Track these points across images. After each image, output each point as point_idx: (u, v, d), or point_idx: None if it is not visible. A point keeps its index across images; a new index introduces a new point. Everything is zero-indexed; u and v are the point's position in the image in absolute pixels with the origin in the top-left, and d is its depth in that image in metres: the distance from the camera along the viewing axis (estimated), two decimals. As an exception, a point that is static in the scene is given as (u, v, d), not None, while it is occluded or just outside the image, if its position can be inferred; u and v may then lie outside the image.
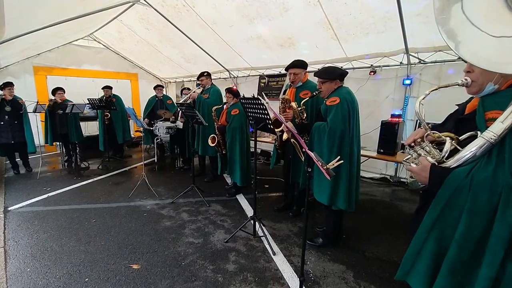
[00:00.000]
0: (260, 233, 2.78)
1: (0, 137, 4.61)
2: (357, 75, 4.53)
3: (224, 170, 4.12)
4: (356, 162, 2.44)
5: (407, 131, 4.00)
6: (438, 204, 1.03)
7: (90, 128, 6.71)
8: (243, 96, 2.53)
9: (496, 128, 0.91)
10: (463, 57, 0.84)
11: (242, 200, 3.81)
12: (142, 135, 5.62)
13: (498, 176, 0.89)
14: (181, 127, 5.03)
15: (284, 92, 3.19)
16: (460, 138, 1.08)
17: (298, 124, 2.65)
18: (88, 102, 5.27)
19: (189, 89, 4.85)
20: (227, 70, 6.59)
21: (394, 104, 4.27)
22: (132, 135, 7.09)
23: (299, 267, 2.32)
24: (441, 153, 1.08)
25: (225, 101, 3.86)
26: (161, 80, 9.22)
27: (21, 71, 6.72)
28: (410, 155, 1.19)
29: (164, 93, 6.13)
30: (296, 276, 2.23)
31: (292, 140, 2.64)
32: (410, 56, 3.93)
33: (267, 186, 4.41)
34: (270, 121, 2.40)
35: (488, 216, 0.90)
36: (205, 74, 4.38)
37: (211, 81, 4.51)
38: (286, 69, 2.96)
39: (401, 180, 4.51)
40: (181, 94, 5.34)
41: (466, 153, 0.98)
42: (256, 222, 2.81)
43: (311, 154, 1.49)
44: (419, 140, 1.18)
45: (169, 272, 2.28)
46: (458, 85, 1.07)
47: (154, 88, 5.78)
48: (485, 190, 0.90)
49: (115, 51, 7.99)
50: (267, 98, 1.84)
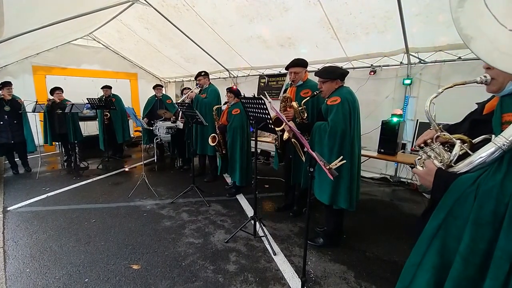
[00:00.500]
0: (261, 233, 2.77)
1: (0, 137, 4.59)
2: (357, 75, 4.53)
3: (224, 170, 4.11)
4: (357, 162, 2.44)
5: (408, 131, 4.01)
6: (441, 212, 0.96)
7: (90, 128, 6.69)
8: (244, 96, 2.53)
9: (509, 133, 0.82)
10: (477, 54, 0.77)
11: (242, 200, 3.80)
12: (142, 135, 5.61)
13: (506, 186, 0.82)
14: (181, 127, 5.02)
15: (285, 92, 3.18)
16: (474, 141, 1.00)
17: (299, 124, 2.65)
18: (88, 102, 5.25)
19: (190, 89, 4.85)
20: (227, 70, 6.58)
21: (394, 104, 4.27)
22: (132, 135, 7.08)
23: (300, 267, 2.32)
24: (450, 156, 1.00)
25: (226, 101, 3.84)
26: (161, 80, 9.20)
27: (20, 71, 6.69)
28: (420, 157, 1.13)
29: (164, 93, 6.12)
30: (297, 276, 2.23)
31: (293, 140, 2.63)
32: (410, 56, 3.93)
33: (267, 186, 4.40)
34: (271, 121, 2.40)
35: (494, 228, 0.84)
36: (203, 74, 4.37)
37: (209, 81, 4.51)
38: (287, 68, 2.96)
39: (401, 180, 4.52)
40: (182, 94, 5.33)
41: (476, 159, 0.90)
42: (257, 222, 2.80)
43: (314, 154, 1.48)
44: (430, 141, 1.11)
45: (169, 273, 2.27)
46: (477, 83, 1.00)
47: (154, 88, 5.76)
48: (491, 200, 0.83)
49: (115, 51, 7.97)
50: (270, 98, 1.84)
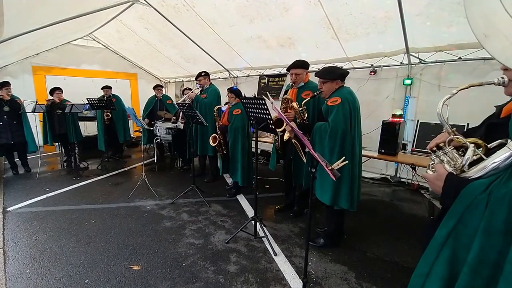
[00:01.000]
0: (261, 234, 2.77)
1: (0, 138, 4.58)
2: (358, 75, 4.53)
3: (225, 171, 4.10)
4: (358, 162, 2.43)
5: (408, 131, 4.01)
6: (451, 220, 0.91)
7: (89, 128, 6.68)
8: (245, 96, 2.52)
9: None
10: (492, 54, 0.73)
11: (243, 201, 3.80)
12: (141, 135, 5.60)
13: None
14: (182, 128, 5.01)
15: (286, 93, 3.18)
16: (489, 146, 0.96)
17: (299, 124, 2.64)
18: (87, 102, 5.25)
19: (191, 89, 4.84)
20: (227, 70, 6.57)
21: (395, 104, 4.27)
22: (132, 135, 7.07)
23: (301, 268, 2.32)
24: (462, 161, 0.96)
25: (227, 101, 3.83)
26: (161, 80, 9.19)
27: (20, 71, 6.68)
28: (433, 161, 1.08)
29: (164, 93, 6.12)
30: (298, 277, 2.22)
31: (294, 141, 2.63)
32: (411, 56, 3.93)
33: (268, 187, 4.40)
34: (272, 121, 2.39)
35: (505, 238, 0.77)
36: (203, 74, 4.37)
37: (210, 81, 4.50)
38: (288, 69, 2.95)
39: (402, 180, 4.51)
40: (182, 94, 5.32)
41: (489, 164, 0.86)
42: (257, 223, 2.80)
43: (316, 155, 1.47)
44: (442, 145, 1.06)
45: (170, 273, 2.26)
46: (494, 84, 0.96)
47: (154, 88, 5.77)
48: (503, 208, 0.77)
49: (115, 51, 7.96)
50: (272, 98, 1.83)
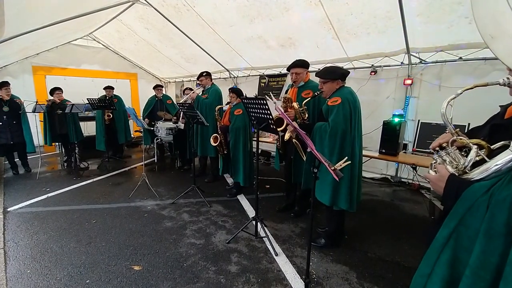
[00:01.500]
0: (262, 234, 2.76)
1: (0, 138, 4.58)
2: (358, 75, 4.53)
3: (226, 171, 4.10)
4: (358, 163, 2.43)
5: (409, 131, 4.01)
6: (452, 221, 0.91)
7: (90, 128, 6.67)
8: (246, 96, 2.52)
9: None
10: (497, 56, 0.72)
11: (243, 201, 3.80)
12: (142, 135, 5.60)
13: None
14: (182, 128, 5.01)
15: (286, 92, 3.18)
16: (492, 147, 0.95)
17: (300, 124, 2.64)
18: (88, 102, 5.24)
19: (191, 89, 4.83)
20: (227, 70, 6.57)
21: (395, 104, 4.27)
22: (132, 135, 7.07)
23: (302, 268, 2.32)
24: (464, 162, 0.96)
25: (229, 101, 3.83)
26: (161, 80, 9.19)
27: (20, 71, 6.68)
28: (435, 161, 1.08)
29: (164, 93, 6.11)
30: (299, 277, 2.22)
31: (294, 141, 2.63)
32: (411, 56, 3.93)
33: (268, 187, 4.39)
34: (273, 121, 2.39)
35: (506, 241, 0.77)
36: (205, 74, 4.36)
37: (211, 81, 4.49)
38: (288, 69, 2.95)
39: (402, 180, 4.51)
40: (183, 94, 5.32)
41: (492, 166, 0.86)
42: (258, 223, 2.80)
43: (319, 155, 1.47)
44: (445, 145, 1.06)
45: (171, 274, 2.26)
46: (499, 85, 0.94)
47: (154, 88, 5.76)
48: (504, 211, 0.78)
49: (115, 51, 7.96)
50: (275, 98, 1.82)
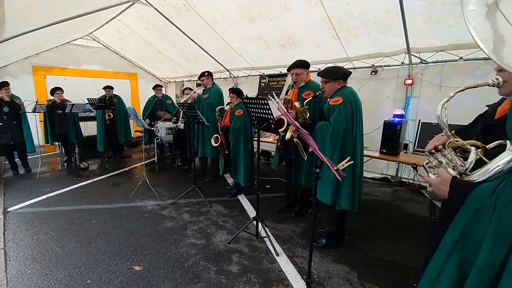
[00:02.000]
0: (263, 234, 2.76)
1: (0, 138, 4.57)
2: (358, 75, 4.52)
3: (226, 171, 4.09)
4: (359, 163, 2.43)
5: (410, 131, 4.00)
6: (459, 225, 0.91)
7: (90, 128, 6.67)
8: (246, 96, 2.52)
9: None
10: (490, 56, 0.73)
11: (244, 201, 3.79)
12: (142, 135, 5.59)
13: None
14: (182, 128, 5.00)
15: (286, 93, 3.17)
16: (487, 147, 0.97)
17: (301, 124, 2.64)
18: (88, 102, 5.24)
19: (191, 89, 4.82)
20: (228, 70, 6.56)
21: (395, 104, 4.27)
22: (132, 135, 7.07)
23: (303, 268, 2.31)
24: (465, 164, 0.97)
25: (229, 101, 3.82)
26: (161, 80, 9.19)
27: (20, 71, 6.68)
28: (431, 162, 1.10)
29: (164, 93, 6.11)
30: (300, 277, 2.22)
31: (296, 140, 2.62)
32: (412, 56, 3.93)
33: (268, 187, 4.39)
34: (274, 121, 2.39)
35: None
36: (206, 74, 4.36)
37: (213, 81, 4.48)
38: (288, 70, 2.94)
39: (402, 180, 4.51)
40: (183, 94, 5.32)
41: (493, 167, 0.87)
42: (259, 223, 2.79)
43: (322, 156, 1.47)
44: (441, 147, 1.08)
45: (172, 274, 2.26)
46: (489, 86, 0.98)
47: (153, 89, 5.75)
48: (511, 211, 0.79)
49: (115, 51, 7.96)
50: (277, 98, 1.82)
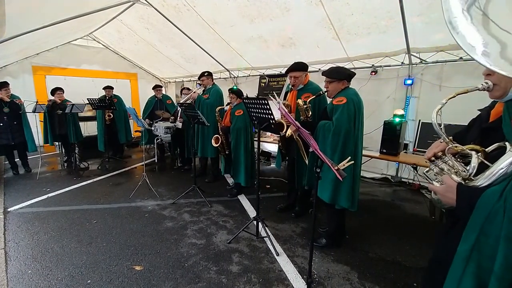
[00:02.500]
0: (263, 234, 2.76)
1: (0, 138, 4.56)
2: (358, 75, 4.47)
3: (227, 171, 4.09)
4: (359, 162, 2.44)
5: (410, 131, 4.01)
6: (472, 233, 0.89)
7: (90, 128, 6.67)
8: (246, 96, 2.52)
9: None
10: (478, 61, 0.74)
11: (244, 201, 3.79)
12: (142, 135, 5.59)
13: None
14: (180, 127, 5.00)
15: (285, 95, 3.17)
16: (487, 150, 0.96)
17: (303, 122, 2.64)
18: (88, 102, 5.23)
19: (189, 89, 4.81)
20: (228, 70, 6.57)
21: (396, 104, 4.27)
22: (132, 135, 7.07)
23: (303, 268, 2.32)
24: (468, 170, 0.96)
25: (229, 102, 3.82)
26: (161, 80, 9.19)
27: (20, 71, 6.67)
28: (432, 170, 1.09)
29: (164, 93, 6.10)
30: (300, 277, 2.22)
31: (296, 137, 2.63)
32: (412, 56, 3.93)
33: (269, 187, 4.39)
34: (274, 121, 2.39)
35: None
36: (206, 74, 4.35)
37: (213, 81, 4.48)
38: (286, 72, 2.94)
39: (402, 180, 4.52)
40: (181, 94, 5.32)
41: (497, 170, 0.86)
42: (259, 223, 2.80)
43: (322, 155, 1.47)
44: (440, 154, 1.07)
45: (172, 274, 2.26)
46: (479, 90, 1.00)
47: (153, 89, 5.73)
48: None
49: (115, 51, 7.96)
50: (278, 98, 1.83)
